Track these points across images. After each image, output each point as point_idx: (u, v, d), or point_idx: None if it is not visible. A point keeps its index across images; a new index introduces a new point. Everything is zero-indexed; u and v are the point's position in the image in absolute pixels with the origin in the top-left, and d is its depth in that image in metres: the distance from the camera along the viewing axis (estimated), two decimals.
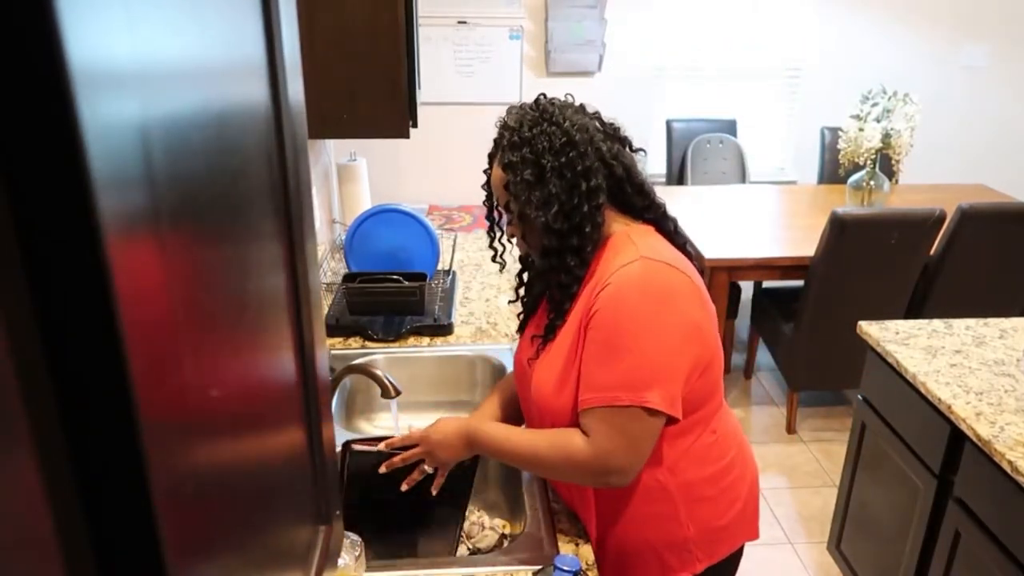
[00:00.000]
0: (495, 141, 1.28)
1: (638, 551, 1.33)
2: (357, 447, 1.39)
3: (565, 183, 1.20)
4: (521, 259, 1.43)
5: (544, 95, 1.28)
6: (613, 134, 1.28)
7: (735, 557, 1.41)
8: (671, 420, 1.21)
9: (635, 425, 1.18)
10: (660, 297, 1.18)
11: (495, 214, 1.38)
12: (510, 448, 1.29)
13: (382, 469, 1.36)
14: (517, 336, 1.48)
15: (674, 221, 1.33)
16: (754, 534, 1.42)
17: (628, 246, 1.23)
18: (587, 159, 1.20)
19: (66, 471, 0.30)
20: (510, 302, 1.52)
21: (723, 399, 1.37)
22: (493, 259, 1.43)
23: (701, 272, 1.29)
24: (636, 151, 1.32)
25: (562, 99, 1.28)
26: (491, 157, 1.30)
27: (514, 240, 1.33)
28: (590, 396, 1.19)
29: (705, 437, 1.30)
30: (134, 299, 0.31)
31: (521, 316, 1.46)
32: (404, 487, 1.37)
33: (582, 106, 1.29)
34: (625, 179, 1.26)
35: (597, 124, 1.27)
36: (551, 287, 1.29)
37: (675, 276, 1.20)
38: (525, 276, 1.45)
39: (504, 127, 1.26)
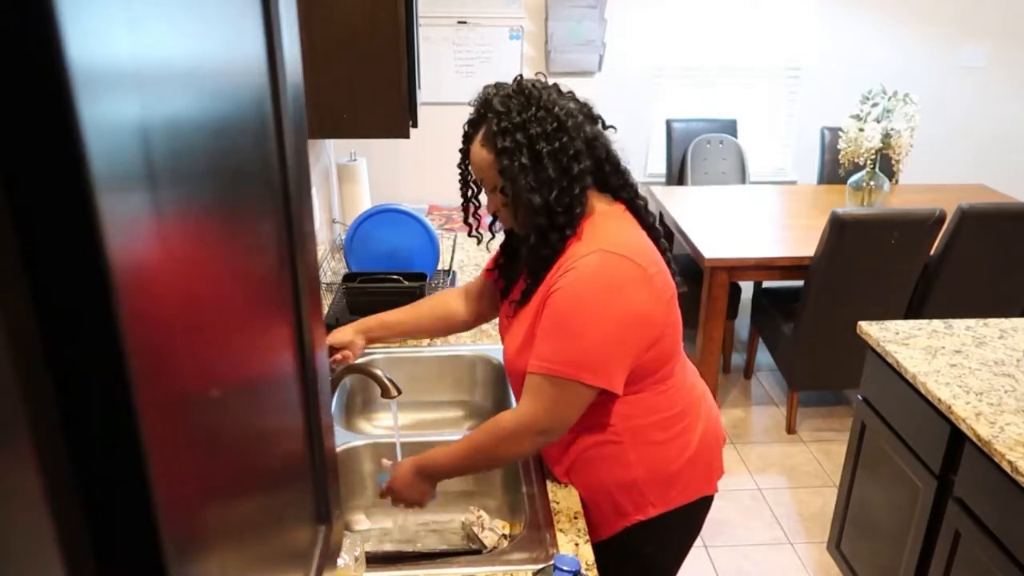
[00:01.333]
0: (472, 122, 1.33)
1: (595, 494, 1.43)
2: None
3: (559, 166, 1.26)
4: (506, 232, 1.49)
5: (521, 76, 1.33)
6: (588, 114, 1.34)
7: (693, 511, 1.45)
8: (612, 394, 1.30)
9: (566, 394, 1.28)
10: (609, 289, 1.26)
11: (469, 191, 1.43)
12: (455, 456, 1.37)
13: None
14: (502, 300, 1.53)
15: (645, 200, 1.40)
16: (710, 488, 1.48)
17: (594, 234, 1.30)
18: (576, 143, 1.27)
19: (66, 471, 0.30)
20: (487, 270, 1.61)
21: (681, 359, 1.44)
22: (469, 233, 1.50)
23: (665, 252, 1.37)
24: (607, 128, 1.38)
25: (540, 80, 1.32)
26: (468, 137, 1.34)
27: (490, 216, 1.41)
28: (535, 364, 1.29)
29: (658, 387, 1.39)
30: (134, 298, 0.31)
31: (502, 284, 1.52)
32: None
33: (557, 86, 1.33)
34: (604, 159, 1.34)
35: (574, 106, 1.32)
36: (531, 258, 1.35)
37: (627, 268, 1.27)
38: (506, 249, 1.52)
39: (487, 108, 1.30)
